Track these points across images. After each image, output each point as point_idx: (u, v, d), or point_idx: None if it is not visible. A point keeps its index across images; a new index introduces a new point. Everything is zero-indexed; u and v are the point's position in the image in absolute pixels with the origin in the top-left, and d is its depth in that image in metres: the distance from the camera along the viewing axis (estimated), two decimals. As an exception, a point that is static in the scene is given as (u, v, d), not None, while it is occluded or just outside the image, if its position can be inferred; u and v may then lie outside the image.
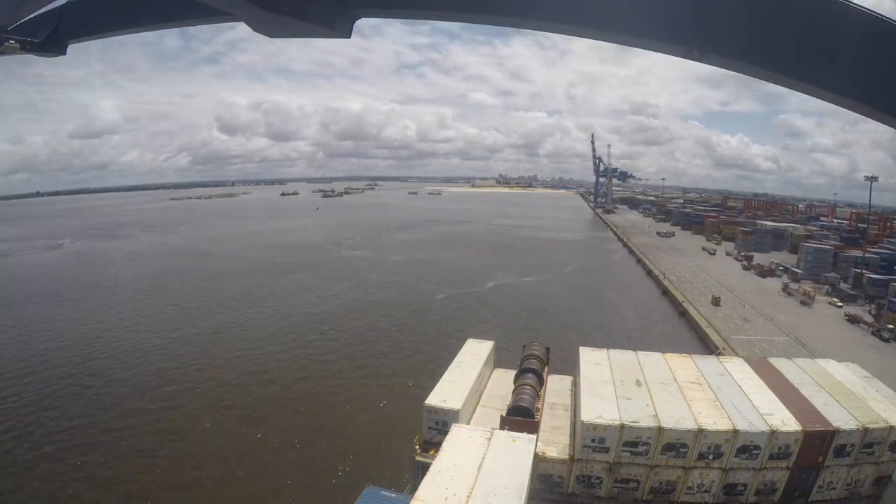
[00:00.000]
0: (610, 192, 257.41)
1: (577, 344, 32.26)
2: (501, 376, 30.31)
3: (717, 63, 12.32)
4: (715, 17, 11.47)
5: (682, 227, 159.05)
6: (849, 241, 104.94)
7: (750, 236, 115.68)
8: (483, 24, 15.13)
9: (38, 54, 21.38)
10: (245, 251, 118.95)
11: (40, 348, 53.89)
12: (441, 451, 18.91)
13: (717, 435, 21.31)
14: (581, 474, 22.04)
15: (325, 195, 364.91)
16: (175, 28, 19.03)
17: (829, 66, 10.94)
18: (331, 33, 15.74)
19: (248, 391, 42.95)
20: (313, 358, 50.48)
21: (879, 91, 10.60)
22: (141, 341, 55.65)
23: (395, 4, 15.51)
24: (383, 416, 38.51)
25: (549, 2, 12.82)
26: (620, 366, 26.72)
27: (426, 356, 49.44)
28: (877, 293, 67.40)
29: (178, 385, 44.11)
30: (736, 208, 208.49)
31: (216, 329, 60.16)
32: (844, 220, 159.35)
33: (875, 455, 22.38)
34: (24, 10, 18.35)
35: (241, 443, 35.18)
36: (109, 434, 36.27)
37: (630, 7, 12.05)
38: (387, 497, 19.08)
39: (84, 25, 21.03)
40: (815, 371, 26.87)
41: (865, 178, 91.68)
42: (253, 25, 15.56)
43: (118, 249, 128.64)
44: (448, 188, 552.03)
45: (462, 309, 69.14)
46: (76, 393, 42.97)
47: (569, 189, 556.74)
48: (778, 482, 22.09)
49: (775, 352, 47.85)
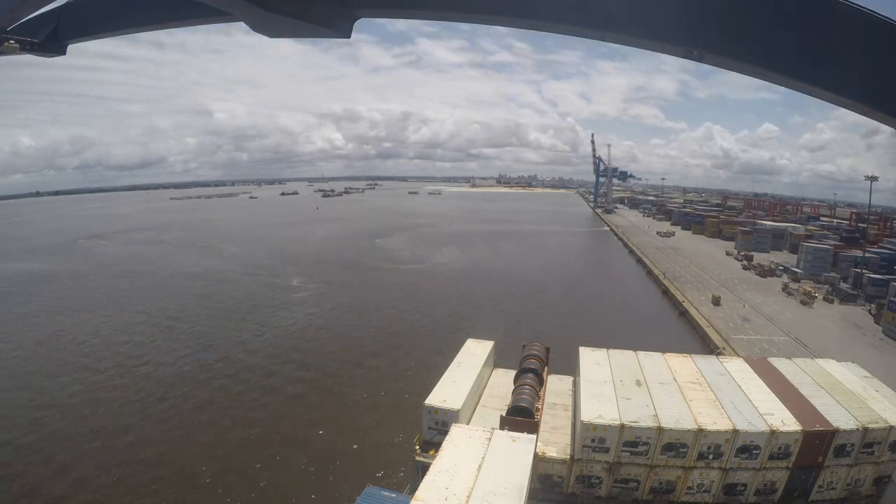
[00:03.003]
0: (610, 192, 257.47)
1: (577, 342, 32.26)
2: (501, 376, 30.32)
3: (718, 63, 12.33)
4: (715, 17, 11.49)
5: (683, 226, 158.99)
6: (849, 241, 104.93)
7: (750, 236, 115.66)
8: (483, 25, 15.14)
9: (38, 54, 21.42)
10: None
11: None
12: (441, 451, 18.93)
13: (717, 435, 21.33)
14: (581, 474, 22.05)
15: (324, 195, 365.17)
16: (175, 28, 19.07)
17: (829, 66, 10.96)
18: (331, 33, 15.77)
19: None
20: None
21: (879, 91, 10.62)
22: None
23: (395, 4, 15.55)
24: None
25: (549, 2, 12.84)
26: (620, 366, 26.74)
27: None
28: (877, 293, 67.36)
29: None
30: (736, 208, 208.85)
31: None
32: (844, 220, 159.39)
33: (875, 455, 22.39)
34: (23, 10, 18.40)
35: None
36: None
37: (630, 7, 12.07)
38: (387, 497, 19.09)
39: (84, 25, 21.07)
40: (815, 371, 26.88)
41: (866, 177, 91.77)
42: (253, 25, 15.60)
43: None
44: (448, 188, 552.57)
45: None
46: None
47: (569, 189, 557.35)
48: (778, 482, 22.11)
49: (775, 351, 47.87)
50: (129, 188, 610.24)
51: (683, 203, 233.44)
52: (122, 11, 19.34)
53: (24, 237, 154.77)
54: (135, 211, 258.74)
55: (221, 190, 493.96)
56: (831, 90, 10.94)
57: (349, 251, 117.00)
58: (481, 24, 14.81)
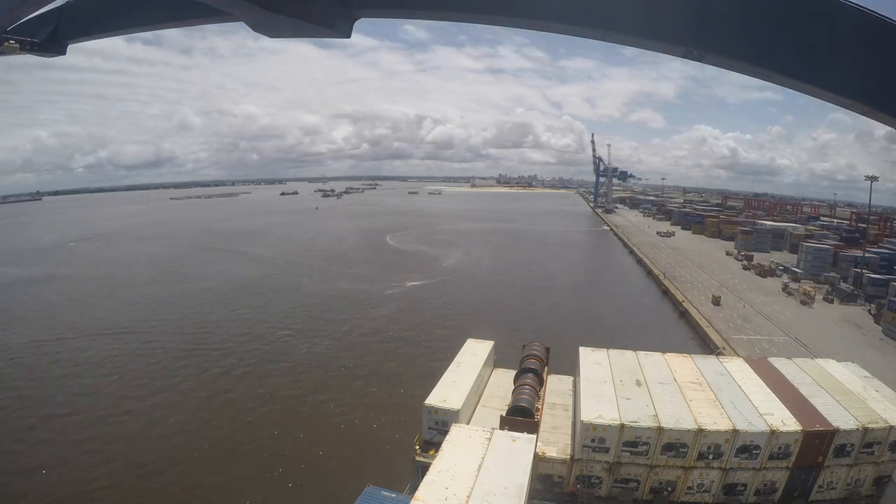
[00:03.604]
0: (610, 192, 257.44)
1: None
2: (501, 376, 30.32)
3: (717, 63, 12.33)
4: (715, 17, 11.49)
5: (682, 226, 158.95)
6: (849, 241, 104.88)
7: (750, 236, 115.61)
8: (483, 25, 15.14)
9: (38, 54, 21.43)
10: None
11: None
12: (441, 451, 18.92)
13: (717, 435, 21.33)
14: (581, 474, 22.05)
15: (324, 195, 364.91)
16: (175, 28, 19.08)
17: (829, 65, 10.95)
18: (331, 33, 15.77)
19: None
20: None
21: (879, 91, 10.61)
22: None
23: (395, 4, 15.54)
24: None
25: (550, 2, 12.84)
26: (620, 366, 26.74)
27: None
28: (877, 293, 67.38)
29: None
30: (736, 208, 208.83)
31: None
32: (845, 220, 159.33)
33: (875, 455, 22.38)
34: (24, 10, 18.38)
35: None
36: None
37: (630, 7, 12.07)
38: (387, 497, 19.06)
39: (84, 25, 21.07)
40: (815, 371, 26.88)
41: (866, 177, 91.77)
42: (253, 25, 15.60)
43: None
44: (448, 188, 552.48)
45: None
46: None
47: (569, 189, 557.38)
48: (778, 482, 22.10)
49: (775, 351, 47.85)
50: (129, 188, 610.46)
51: (683, 203, 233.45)
52: (121, 11, 19.35)
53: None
54: (124, 212, 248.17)
55: (221, 190, 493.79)
56: (831, 90, 10.94)
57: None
58: (481, 24, 14.81)
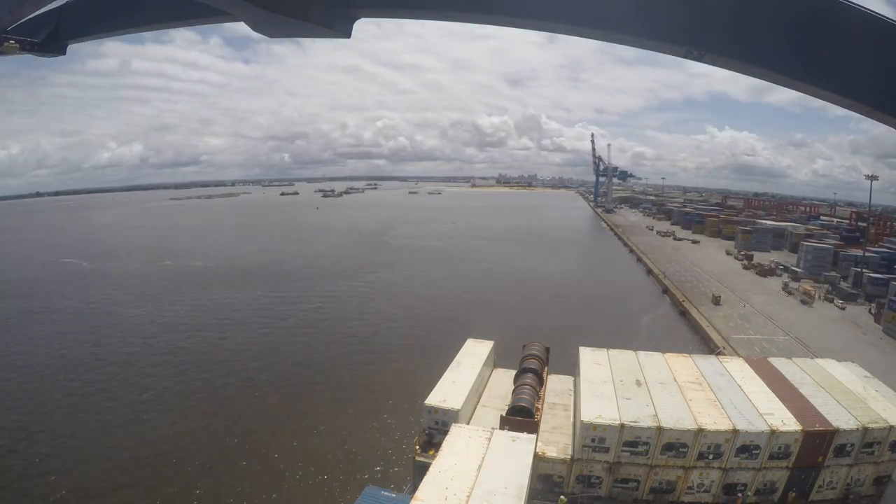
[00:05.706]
0: (610, 192, 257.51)
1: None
2: (501, 376, 30.31)
3: (717, 63, 12.33)
4: (715, 17, 11.48)
5: (683, 226, 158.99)
6: (849, 241, 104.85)
7: (750, 235, 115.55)
8: (483, 24, 15.14)
9: (37, 54, 21.43)
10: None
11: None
12: (441, 451, 18.94)
13: (717, 435, 21.34)
14: (581, 474, 22.05)
15: (324, 195, 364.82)
16: (175, 28, 19.08)
17: (828, 66, 10.94)
18: (331, 33, 15.77)
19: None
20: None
21: (879, 91, 10.60)
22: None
23: (395, 4, 15.54)
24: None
25: (550, 2, 12.83)
26: (620, 366, 26.74)
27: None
28: (877, 292, 67.31)
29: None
30: (736, 208, 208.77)
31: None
32: (845, 220, 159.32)
33: (875, 455, 22.40)
34: (24, 10, 18.39)
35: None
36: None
37: (631, 7, 12.06)
38: (387, 497, 19.06)
39: (84, 25, 21.06)
40: (815, 371, 26.88)
41: (866, 177, 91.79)
42: (253, 25, 15.60)
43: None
44: (448, 187, 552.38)
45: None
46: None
47: (569, 188, 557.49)
48: (778, 482, 22.11)
49: (775, 351, 47.82)
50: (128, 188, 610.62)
51: (683, 203, 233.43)
52: (121, 11, 19.34)
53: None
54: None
55: (221, 190, 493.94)
56: (831, 90, 10.94)
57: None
58: (481, 24, 14.80)
